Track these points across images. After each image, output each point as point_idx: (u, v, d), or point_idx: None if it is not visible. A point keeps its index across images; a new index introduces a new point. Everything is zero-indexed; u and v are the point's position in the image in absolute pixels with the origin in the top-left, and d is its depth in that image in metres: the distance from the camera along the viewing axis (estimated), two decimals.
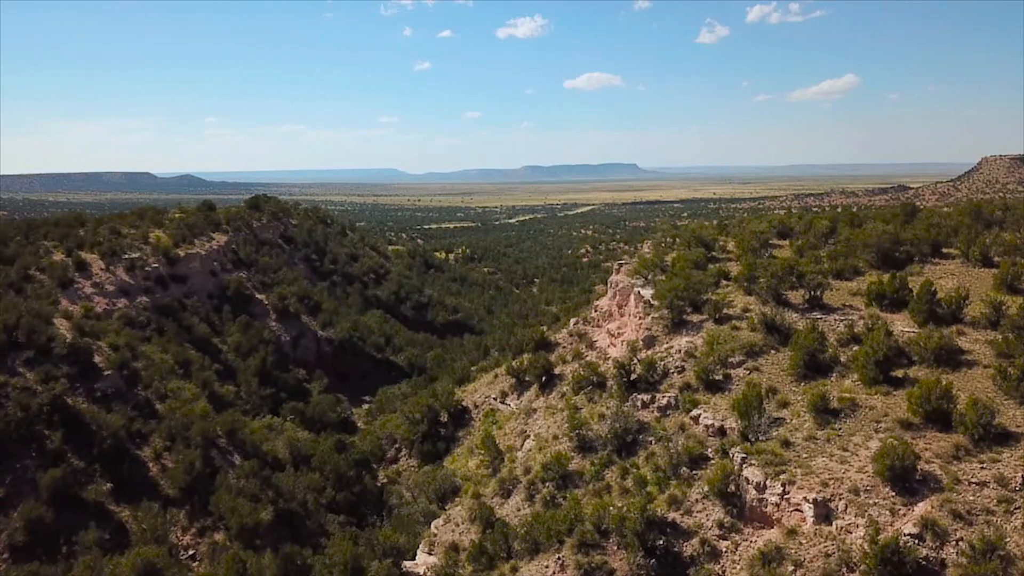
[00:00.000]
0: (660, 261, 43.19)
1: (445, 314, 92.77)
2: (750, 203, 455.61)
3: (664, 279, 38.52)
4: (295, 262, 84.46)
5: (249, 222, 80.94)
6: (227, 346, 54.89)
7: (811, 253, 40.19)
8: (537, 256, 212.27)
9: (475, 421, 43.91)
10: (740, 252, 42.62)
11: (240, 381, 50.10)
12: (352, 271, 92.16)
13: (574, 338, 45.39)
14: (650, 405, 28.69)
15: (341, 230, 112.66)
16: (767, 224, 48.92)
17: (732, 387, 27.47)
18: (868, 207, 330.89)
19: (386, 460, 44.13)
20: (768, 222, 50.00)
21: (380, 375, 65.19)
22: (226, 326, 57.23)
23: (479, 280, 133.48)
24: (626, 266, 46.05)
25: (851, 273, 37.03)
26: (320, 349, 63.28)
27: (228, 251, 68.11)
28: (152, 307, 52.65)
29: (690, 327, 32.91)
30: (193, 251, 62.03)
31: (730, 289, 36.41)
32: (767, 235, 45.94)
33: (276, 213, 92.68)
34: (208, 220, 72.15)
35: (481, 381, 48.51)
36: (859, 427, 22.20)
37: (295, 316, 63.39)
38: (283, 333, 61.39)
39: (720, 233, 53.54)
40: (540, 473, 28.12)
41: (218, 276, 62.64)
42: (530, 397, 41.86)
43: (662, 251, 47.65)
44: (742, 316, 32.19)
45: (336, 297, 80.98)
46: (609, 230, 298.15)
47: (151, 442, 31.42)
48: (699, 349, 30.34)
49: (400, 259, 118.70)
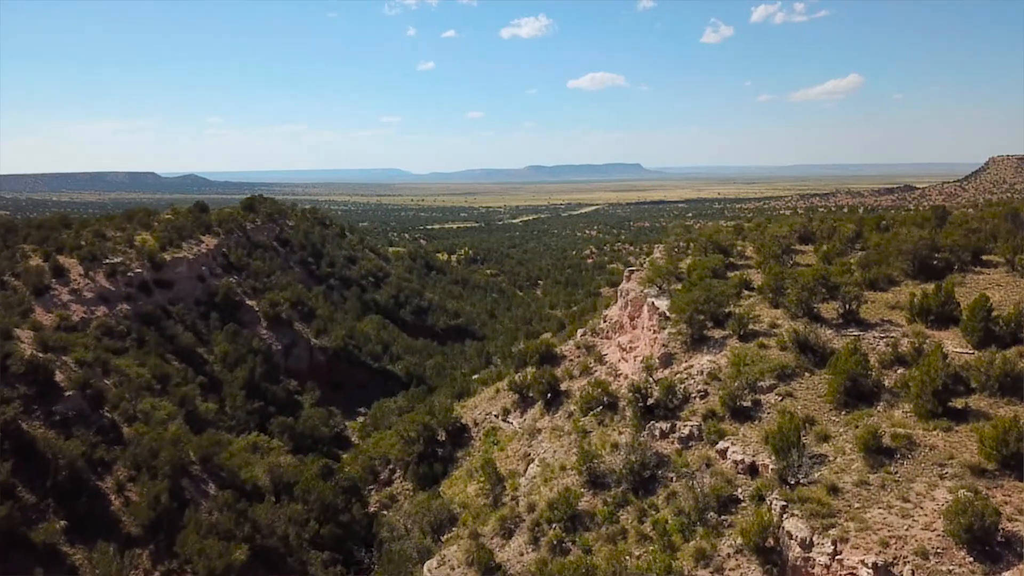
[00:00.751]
0: (674, 268, 40.02)
1: (446, 319, 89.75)
2: (755, 203, 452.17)
3: (680, 289, 35.36)
4: (290, 265, 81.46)
5: (242, 224, 77.91)
6: (213, 356, 51.88)
7: (839, 261, 36.99)
8: (541, 257, 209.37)
9: (475, 440, 40.78)
10: (761, 259, 39.45)
11: (225, 395, 47.07)
12: (350, 274, 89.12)
13: (581, 351, 42.23)
14: (670, 435, 25.52)
15: (340, 231, 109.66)
16: (788, 228, 45.69)
17: (763, 415, 24.32)
18: (875, 207, 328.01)
19: (379, 482, 41.05)
20: (789, 225, 46.79)
21: (377, 385, 62.11)
22: (213, 335, 54.21)
23: (481, 283, 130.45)
24: (637, 273, 42.88)
25: (885, 283, 33.81)
26: (313, 358, 60.22)
27: (218, 255, 65.07)
28: (133, 315, 49.65)
29: (712, 344, 29.72)
30: (180, 255, 59.01)
31: (754, 301, 33.23)
32: (788, 240, 42.74)
33: (271, 214, 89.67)
34: (198, 222, 69.15)
35: (481, 396, 45.39)
36: (920, 471, 19.01)
37: (287, 323, 60.35)
38: (274, 341, 58.32)
39: (736, 237, 50.40)
40: (546, 512, 24.97)
41: (206, 281, 59.60)
42: (534, 415, 38.74)
43: (676, 257, 44.46)
44: (770, 332, 29.00)
45: (333, 302, 77.96)
46: (613, 230, 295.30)
47: (114, 472, 28.36)
48: (723, 370, 27.17)
49: (400, 261, 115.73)
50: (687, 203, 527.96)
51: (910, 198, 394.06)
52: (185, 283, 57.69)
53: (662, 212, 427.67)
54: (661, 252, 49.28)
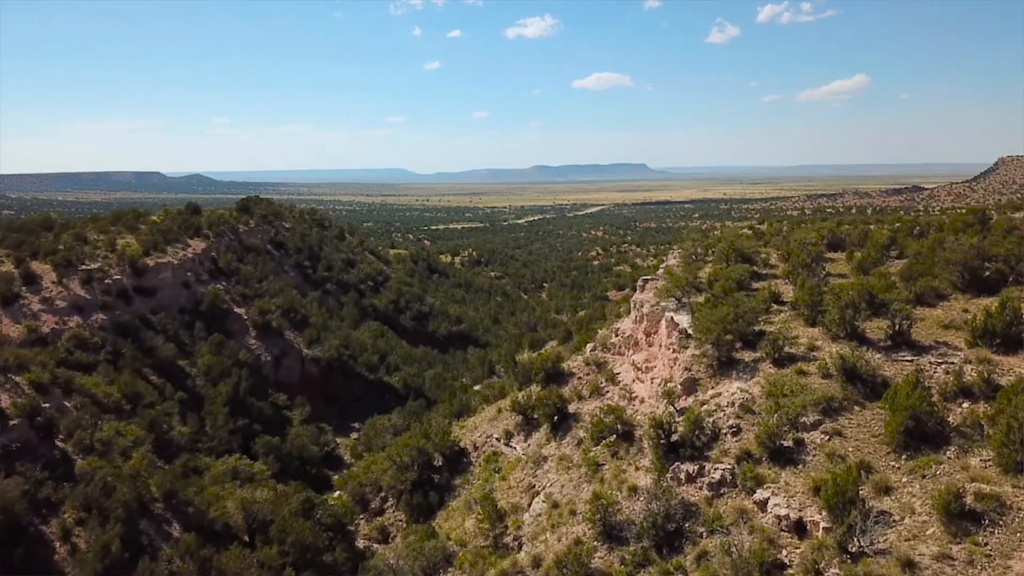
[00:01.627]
0: (693, 278, 36.42)
1: (448, 325, 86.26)
2: (761, 204, 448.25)
3: (703, 303, 31.80)
4: (285, 269, 78.10)
5: (235, 227, 74.53)
6: (196, 369, 48.49)
7: (877, 271, 33.35)
8: (546, 258, 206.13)
9: (474, 467, 37.26)
10: (790, 268, 35.80)
11: (206, 412, 43.68)
12: (348, 279, 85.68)
13: (591, 368, 38.68)
14: (698, 479, 21.95)
15: (339, 233, 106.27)
16: (816, 234, 42.02)
17: (808, 458, 20.71)
18: (884, 208, 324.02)
19: (369, 511, 37.57)
20: (817, 231, 43.12)
21: (372, 398, 58.68)
22: (197, 346, 50.84)
23: (485, 285, 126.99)
24: (652, 283, 39.30)
25: (932, 297, 30.11)
26: (305, 370, 56.80)
27: (206, 259, 61.72)
28: (110, 326, 46.32)
29: (741, 368, 26.12)
30: (164, 260, 55.66)
31: (786, 317, 29.63)
32: (818, 247, 39.08)
33: (266, 216, 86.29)
34: (187, 225, 65.81)
35: (482, 415, 41.87)
36: (1017, 543, 15.42)
37: (277, 332, 56.96)
38: (263, 352, 54.93)
39: (757, 241, 46.80)
40: (553, 571, 21.43)
41: (192, 288, 56.24)
42: (539, 441, 35.23)
43: (693, 265, 40.87)
44: (808, 356, 25.38)
45: (329, 308, 74.56)
46: (619, 231, 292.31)
47: (61, 514, 24.95)
48: (757, 401, 23.58)
49: (402, 264, 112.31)
50: (693, 203, 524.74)
51: (919, 199, 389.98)
52: (169, 290, 54.35)
53: (668, 212, 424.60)
54: (677, 259, 45.71)
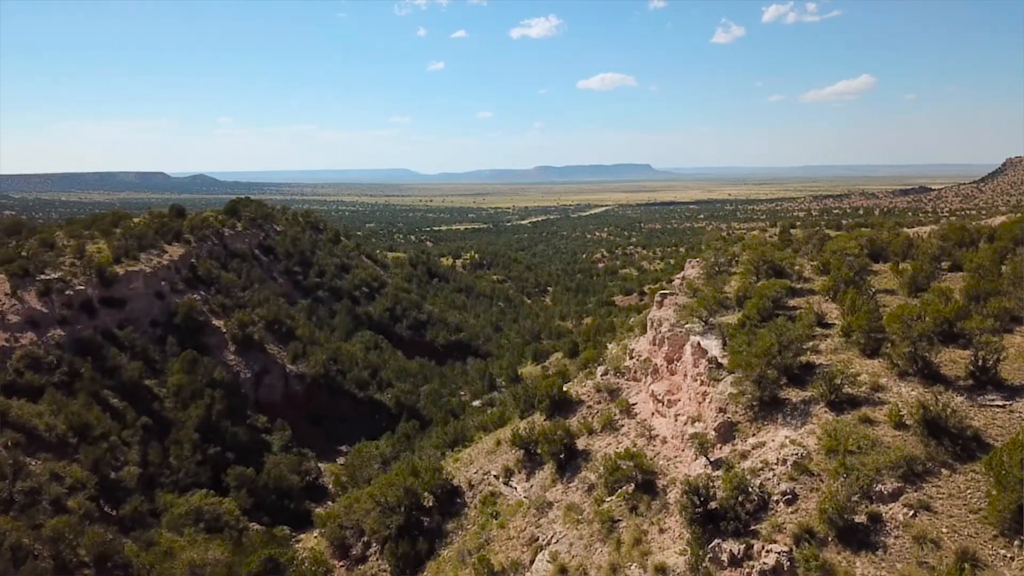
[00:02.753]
0: (719, 293, 31.85)
1: (446, 334, 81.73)
2: (767, 205, 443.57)
3: (734, 326, 27.20)
4: (273, 276, 73.70)
5: (219, 231, 70.10)
6: (166, 390, 44.06)
7: (935, 289, 28.72)
8: (550, 261, 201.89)
9: (469, 509, 32.66)
10: (830, 283, 31.16)
11: (171, 441, 39.21)
12: (341, 285, 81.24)
13: (603, 395, 34.04)
14: (744, 562, 17.34)
15: (333, 236, 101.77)
16: (854, 242, 37.30)
17: (890, 541, 16.09)
18: (891, 209, 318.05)
19: (350, 559, 33.04)
20: (854, 239, 38.39)
21: (362, 418, 54.21)
22: (169, 363, 46.41)
23: (487, 290, 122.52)
24: (672, 298, 34.71)
25: (1006, 319, 25.52)
26: (289, 388, 52.29)
27: (184, 266, 57.25)
28: (68, 343, 41.93)
29: (789, 411, 21.54)
30: (136, 268, 51.20)
31: (835, 345, 25.02)
32: (861, 259, 34.39)
33: (256, 219, 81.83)
34: (165, 229, 61.38)
35: (479, 447, 37.25)
36: None
37: (259, 347, 52.46)
38: (243, 369, 50.44)
39: (784, 247, 42.17)
40: None
41: (166, 298, 51.79)
42: (544, 482, 30.64)
43: (717, 277, 36.25)
44: (873, 399, 20.78)
45: (319, 317, 70.14)
46: (624, 232, 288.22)
47: None
48: (815, 458, 18.99)
49: (400, 268, 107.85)
50: (698, 204, 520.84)
51: (926, 199, 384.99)
52: (140, 301, 49.94)
53: (673, 213, 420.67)
54: (697, 270, 41.07)
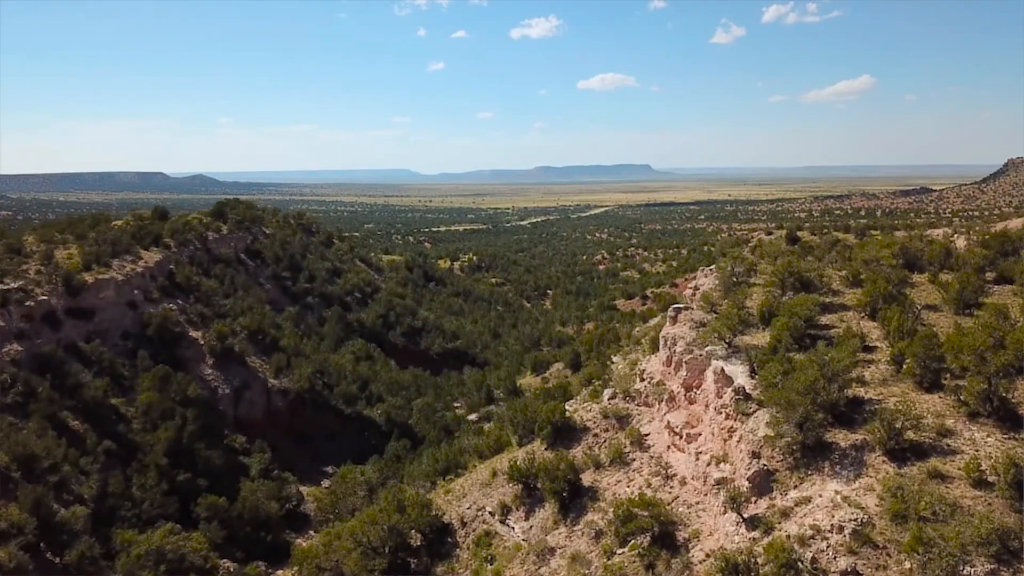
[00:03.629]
0: (741, 309, 28.39)
1: (442, 341, 78.26)
2: (767, 205, 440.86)
3: (765, 351, 23.74)
4: (260, 282, 70.20)
5: (203, 234, 66.56)
6: (134, 410, 40.57)
7: (990, 305, 25.27)
8: (550, 263, 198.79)
9: (461, 550, 29.16)
10: (866, 298, 27.71)
11: (132, 470, 35.67)
12: (332, 290, 77.73)
13: (610, 422, 30.56)
14: None
15: (326, 239, 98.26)
16: (887, 251, 33.83)
17: None
18: (893, 210, 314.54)
19: None
20: (886, 246, 34.92)
21: (350, 435, 50.74)
22: (139, 379, 42.92)
23: (486, 294, 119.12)
24: (687, 313, 31.22)
25: None
26: (271, 404, 48.78)
27: (161, 273, 53.70)
28: (26, 359, 38.42)
29: (837, 459, 18.05)
30: (106, 276, 47.65)
31: (884, 374, 21.57)
32: (898, 271, 30.92)
33: (243, 222, 78.24)
34: (143, 233, 57.86)
35: (473, 477, 33.70)
36: None
37: (240, 360, 48.91)
38: (221, 384, 46.90)
39: (803, 255, 38.77)
40: None
41: (139, 308, 48.24)
42: (545, 522, 27.17)
43: (735, 289, 32.76)
44: (941, 446, 17.34)
45: (307, 325, 66.66)
46: (625, 233, 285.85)
47: None
48: (878, 525, 15.51)
49: (395, 272, 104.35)
50: (698, 204, 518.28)
51: (927, 200, 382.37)
52: (111, 311, 46.43)
53: (673, 214, 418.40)
54: (712, 279, 37.58)
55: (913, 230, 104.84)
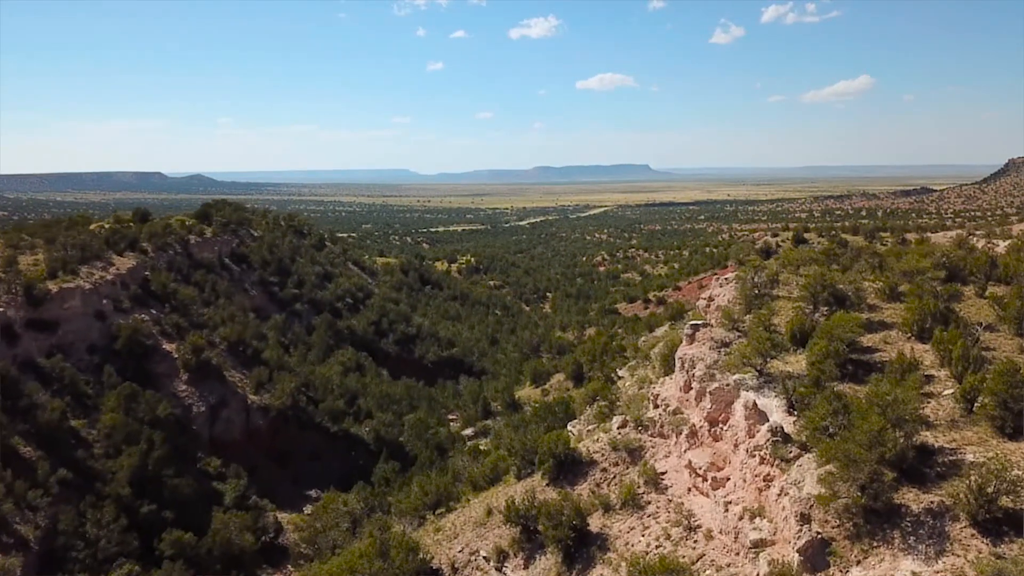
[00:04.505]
0: (771, 331, 24.94)
1: (437, 349, 74.76)
2: (768, 206, 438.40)
3: (807, 385, 20.29)
4: (246, 288, 66.68)
5: (184, 238, 63.02)
6: (96, 432, 37.06)
7: None
8: (549, 264, 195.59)
9: None
10: (913, 315, 24.27)
11: (92, 502, 32.15)
12: (322, 296, 74.24)
13: (620, 455, 27.08)
14: None
15: (318, 242, 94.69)
16: (927, 260, 30.38)
17: None
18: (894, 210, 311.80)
19: None
20: (925, 255, 31.47)
21: (336, 455, 47.26)
22: (105, 397, 39.41)
23: (483, 297, 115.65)
24: (706, 330, 27.74)
25: None
26: (250, 422, 45.22)
27: (134, 281, 50.18)
28: None
29: (911, 528, 14.61)
30: (72, 284, 44.14)
31: (951, 413, 18.16)
32: (949, 286, 27.42)
33: (229, 224, 74.65)
34: (118, 237, 54.34)
35: (466, 513, 30.16)
36: None
37: (217, 374, 45.40)
38: (196, 402, 43.38)
39: (830, 263, 35.32)
40: None
41: (108, 319, 44.71)
42: (546, 573, 23.76)
43: (760, 302, 29.29)
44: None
45: (294, 334, 63.16)
46: (624, 234, 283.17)
47: None
48: None
49: (390, 275, 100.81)
50: (697, 205, 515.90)
51: (928, 200, 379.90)
52: (76, 323, 42.92)
53: (673, 214, 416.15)
54: (730, 291, 34.02)
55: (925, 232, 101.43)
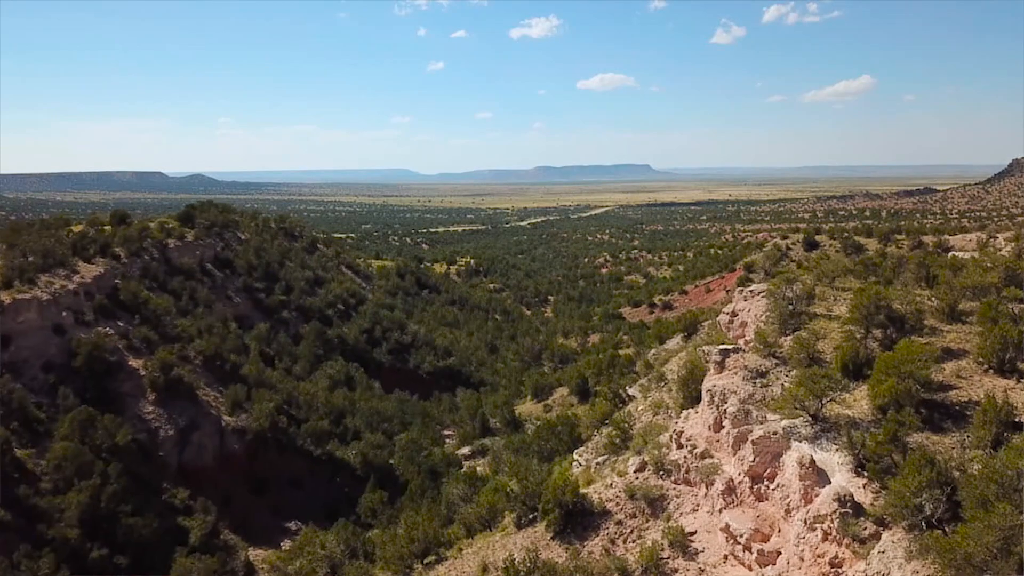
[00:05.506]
0: (814, 355, 20.92)
1: (433, 359, 70.73)
2: (770, 206, 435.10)
3: (882, 442, 16.27)
4: (229, 295, 62.63)
5: (162, 242, 58.97)
6: (45, 463, 33.04)
7: None
8: (550, 266, 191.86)
9: None
10: (991, 344, 20.22)
11: (26, 552, 28.13)
12: (312, 303, 70.20)
13: (639, 505, 23.01)
14: None
15: (309, 244, 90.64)
16: (992, 274, 26.39)
17: None
18: (898, 211, 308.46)
19: None
20: (989, 269, 27.48)
21: (320, 481, 43.22)
22: (58, 423, 35.39)
23: (483, 302, 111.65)
24: (737, 358, 23.67)
25: None
26: (224, 446, 41.16)
27: (100, 290, 46.17)
28: None
29: None
30: (28, 295, 40.12)
31: None
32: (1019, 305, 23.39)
33: (213, 226, 70.54)
34: (87, 241, 50.32)
35: (459, 566, 25.88)
36: None
37: (188, 393, 41.27)
38: (163, 425, 39.32)
39: (866, 274, 31.27)
40: None
41: (68, 334, 40.67)
42: None
43: (797, 322, 25.22)
44: None
45: (279, 344, 59.13)
46: (627, 234, 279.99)
47: None
48: None
49: (385, 279, 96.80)
50: (699, 205, 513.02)
51: (932, 200, 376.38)
52: (32, 338, 38.90)
53: (674, 214, 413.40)
54: (757, 305, 29.91)
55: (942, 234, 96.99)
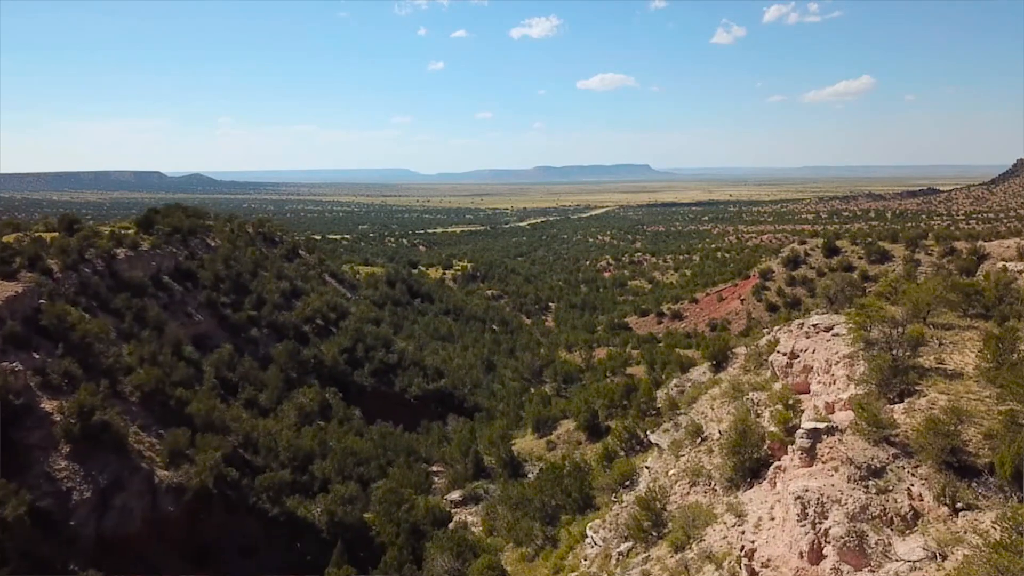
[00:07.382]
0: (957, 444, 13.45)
1: (422, 381, 63.23)
2: (771, 206, 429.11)
3: None
4: (189, 312, 55.08)
5: (109, 251, 51.41)
6: None
7: None
8: (551, 269, 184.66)
9: None
10: None
11: None
12: (285, 319, 62.66)
13: None
14: None
15: (290, 251, 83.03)
16: None
17: None
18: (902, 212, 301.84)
19: None
20: None
21: (277, 546, 35.56)
22: None
23: (479, 311, 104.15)
24: (834, 444, 16.19)
25: None
26: (157, 508, 33.52)
27: (18, 315, 38.62)
28: None
29: None
30: None
31: None
32: None
33: (176, 233, 62.86)
34: (10, 253, 42.74)
35: None
36: None
37: (113, 443, 33.69)
38: (78, 486, 31.72)
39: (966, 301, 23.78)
40: None
41: None
42: None
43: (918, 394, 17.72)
44: None
45: (243, 368, 51.56)
46: (628, 236, 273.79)
47: None
48: None
49: (373, 288, 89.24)
50: (700, 205, 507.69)
51: (936, 201, 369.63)
52: None
53: (675, 215, 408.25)
54: (835, 351, 22.31)
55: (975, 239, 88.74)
